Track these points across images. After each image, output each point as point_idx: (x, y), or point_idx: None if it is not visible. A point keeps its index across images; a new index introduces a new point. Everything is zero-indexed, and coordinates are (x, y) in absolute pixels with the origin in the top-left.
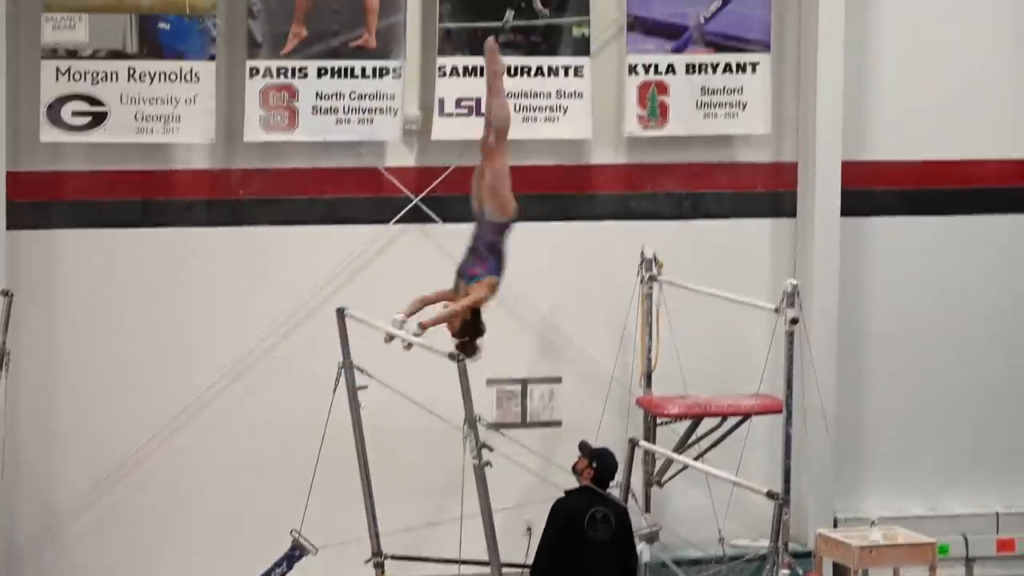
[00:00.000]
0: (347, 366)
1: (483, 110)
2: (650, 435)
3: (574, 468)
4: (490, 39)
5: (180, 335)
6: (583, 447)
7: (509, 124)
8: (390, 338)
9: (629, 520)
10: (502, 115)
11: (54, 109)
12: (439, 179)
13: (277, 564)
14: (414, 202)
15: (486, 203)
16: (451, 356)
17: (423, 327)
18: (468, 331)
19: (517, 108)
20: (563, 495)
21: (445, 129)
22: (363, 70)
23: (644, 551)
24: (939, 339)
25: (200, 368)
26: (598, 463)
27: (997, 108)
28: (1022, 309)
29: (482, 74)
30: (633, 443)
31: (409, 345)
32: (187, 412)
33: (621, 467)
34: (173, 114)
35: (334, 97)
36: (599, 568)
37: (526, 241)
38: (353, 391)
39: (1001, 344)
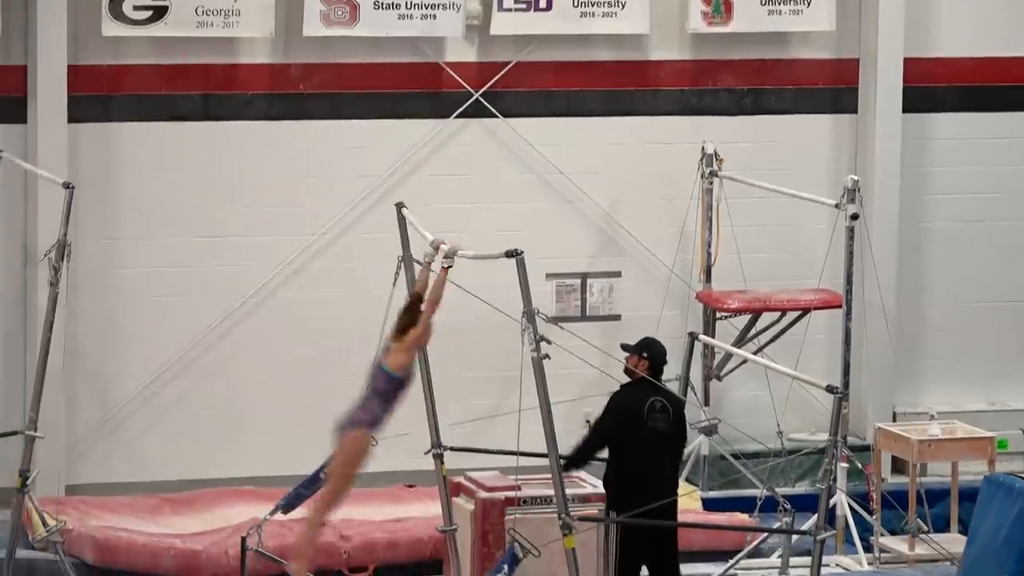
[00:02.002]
0: (407, 260)
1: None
2: (710, 329)
3: (626, 370)
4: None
5: (240, 230)
6: (625, 347)
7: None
8: None
9: (684, 411)
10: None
11: (116, 3)
12: (500, 74)
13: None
14: (475, 97)
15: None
16: (508, 253)
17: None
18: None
19: (575, 3)
20: (620, 387)
21: (505, 24)
22: None
23: (703, 444)
24: (999, 235)
25: (258, 263)
26: (649, 352)
27: None
28: None
29: None
30: (693, 337)
31: None
32: (244, 307)
33: (681, 360)
34: (233, 8)
35: None
36: (657, 457)
37: (587, 136)
38: (413, 285)
39: None
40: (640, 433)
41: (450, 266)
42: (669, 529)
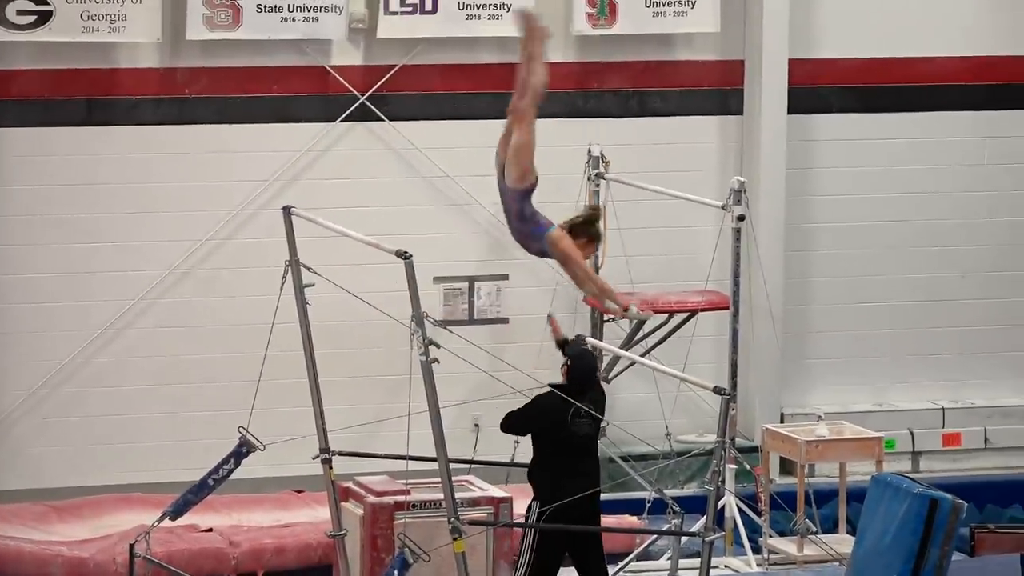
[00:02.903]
0: (294, 264)
1: (520, 72)
2: (597, 332)
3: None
4: (525, 9)
5: (126, 234)
6: (562, 344)
7: (544, 90)
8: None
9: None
10: (541, 80)
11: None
12: (385, 77)
13: (224, 461)
14: (361, 100)
15: (508, 168)
16: (398, 253)
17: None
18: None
19: (460, 6)
20: (549, 389)
21: (391, 27)
22: None
23: None
24: (886, 236)
25: (147, 267)
26: (572, 363)
27: (943, 5)
28: (968, 206)
29: None
30: (580, 339)
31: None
32: (133, 311)
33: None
34: (119, 13)
35: None
36: (576, 458)
37: (474, 139)
38: (300, 289)
39: (948, 241)
40: (560, 435)
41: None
42: (588, 529)
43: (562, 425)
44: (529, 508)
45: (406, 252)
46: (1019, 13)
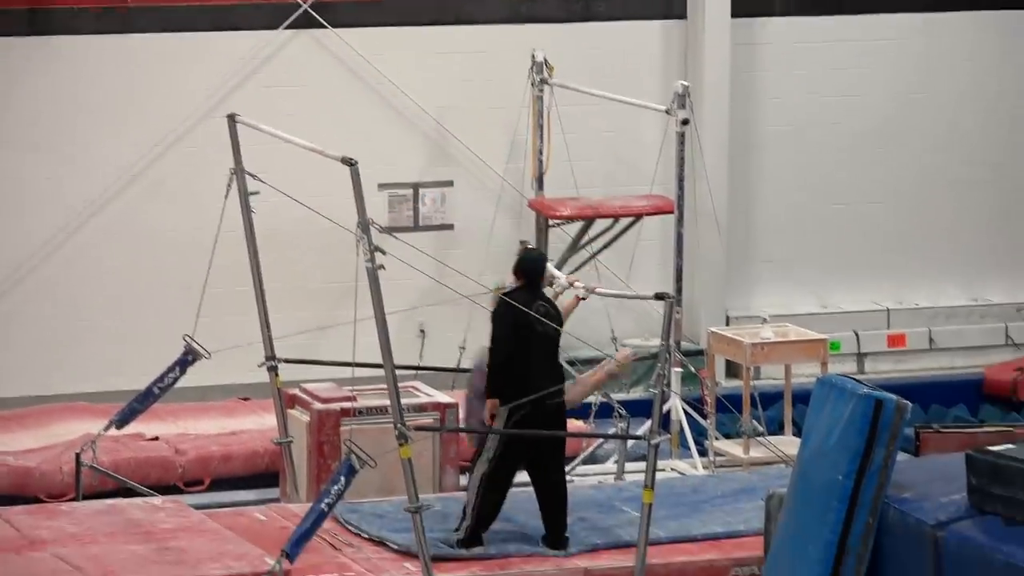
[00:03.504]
0: (238, 172)
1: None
2: (542, 237)
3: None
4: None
5: (71, 145)
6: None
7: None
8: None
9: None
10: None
11: None
12: None
13: (170, 369)
14: (303, 8)
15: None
16: (343, 160)
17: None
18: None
19: None
20: (501, 298)
21: None
22: None
23: None
24: (830, 139)
25: (91, 178)
26: (520, 266)
27: None
28: (912, 107)
29: None
30: (525, 245)
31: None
32: (77, 221)
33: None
34: None
35: None
36: (544, 360)
37: (417, 46)
38: (245, 197)
39: (891, 143)
40: (529, 335)
41: (584, 298)
42: (551, 430)
43: (530, 326)
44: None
45: (351, 159)
46: None
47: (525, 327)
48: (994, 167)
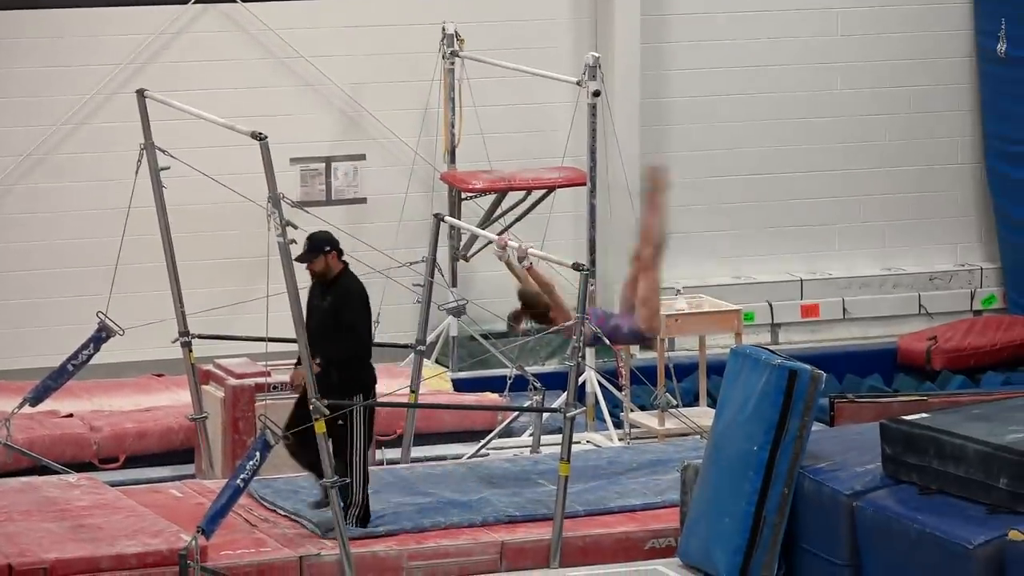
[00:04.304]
0: (149, 147)
1: (644, 222)
2: (455, 210)
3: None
4: (652, 167)
5: None
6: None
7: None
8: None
9: None
10: (663, 232)
11: None
12: None
13: (84, 346)
14: None
15: (638, 311)
16: (253, 135)
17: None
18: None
19: None
20: (349, 274)
21: None
22: None
23: (451, 325)
24: (741, 108)
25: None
26: (332, 246)
27: None
28: (821, 76)
29: None
30: (438, 218)
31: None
32: None
33: (428, 243)
34: None
35: None
36: None
37: (326, 19)
38: (156, 172)
39: (802, 112)
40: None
41: (530, 265)
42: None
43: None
44: (350, 410)
45: (261, 133)
46: None
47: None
48: (907, 136)
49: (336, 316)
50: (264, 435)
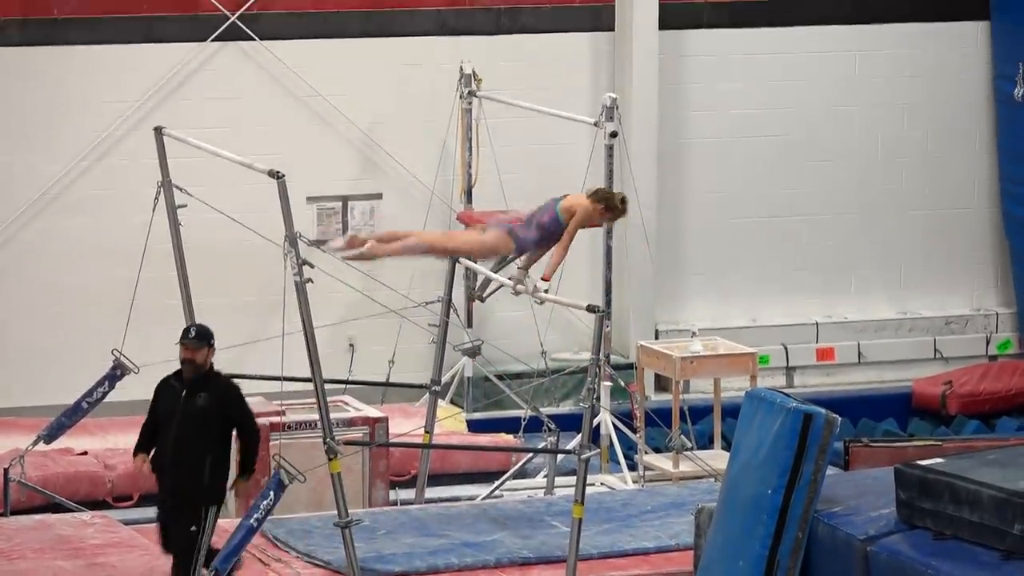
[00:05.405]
0: (166, 185)
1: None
2: None
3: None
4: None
5: None
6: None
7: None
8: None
9: None
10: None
11: None
12: None
13: (99, 384)
14: (231, 19)
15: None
16: (270, 173)
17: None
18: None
19: None
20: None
21: None
22: None
23: (466, 366)
24: (759, 151)
25: (17, 190)
26: (212, 343)
27: None
28: (839, 120)
29: None
30: (455, 259)
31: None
32: (5, 235)
33: (444, 283)
34: None
35: None
36: None
37: (345, 58)
38: (172, 210)
39: (820, 155)
40: None
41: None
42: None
43: None
44: (206, 513)
45: (278, 172)
46: None
47: None
48: (923, 180)
49: (223, 414)
50: (278, 474)
